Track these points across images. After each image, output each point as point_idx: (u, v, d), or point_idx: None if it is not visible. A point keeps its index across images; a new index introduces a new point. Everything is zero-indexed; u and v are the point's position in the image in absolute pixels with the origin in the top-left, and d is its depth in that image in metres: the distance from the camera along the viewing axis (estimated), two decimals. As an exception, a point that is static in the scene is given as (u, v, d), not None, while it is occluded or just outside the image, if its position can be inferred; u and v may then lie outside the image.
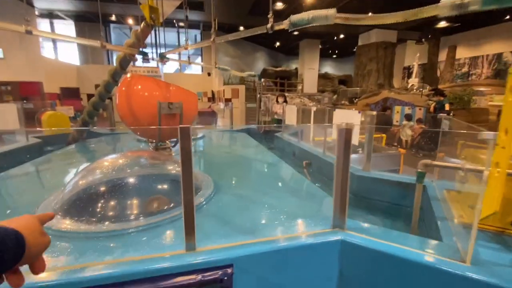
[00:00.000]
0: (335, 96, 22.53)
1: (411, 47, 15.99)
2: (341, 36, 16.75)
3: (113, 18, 13.74)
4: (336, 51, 24.03)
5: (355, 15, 1.54)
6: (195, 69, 20.43)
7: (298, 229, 1.43)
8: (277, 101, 5.55)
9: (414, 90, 9.80)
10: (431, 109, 7.80)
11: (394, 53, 14.23)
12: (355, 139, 2.72)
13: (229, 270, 1.19)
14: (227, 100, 9.66)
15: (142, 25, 2.98)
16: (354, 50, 18.62)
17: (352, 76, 23.16)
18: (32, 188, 2.24)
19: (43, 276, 1.03)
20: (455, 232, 1.41)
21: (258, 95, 5.41)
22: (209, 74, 14.35)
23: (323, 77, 24.61)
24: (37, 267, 0.59)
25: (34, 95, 8.46)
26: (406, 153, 3.91)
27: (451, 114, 6.88)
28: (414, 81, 10.75)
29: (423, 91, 9.17)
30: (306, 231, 1.41)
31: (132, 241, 1.29)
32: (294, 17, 1.81)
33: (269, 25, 1.97)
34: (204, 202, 1.73)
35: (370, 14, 1.52)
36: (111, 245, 1.25)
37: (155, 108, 2.63)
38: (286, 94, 17.41)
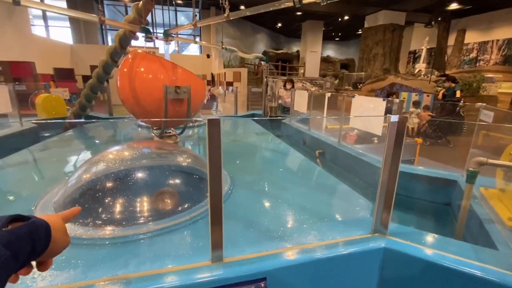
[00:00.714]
0: (336, 81, 22.13)
1: (418, 30, 15.41)
2: (346, 17, 16.07)
3: (107, -6, 12.93)
4: (340, 34, 23.26)
5: None
6: (192, 50, 19.71)
7: (333, 234, 1.26)
8: (284, 87, 5.24)
9: (422, 76, 9.50)
10: (440, 95, 7.56)
11: (402, 37, 13.71)
12: (379, 129, 2.54)
13: (262, 285, 1.03)
14: (228, 84, 9.31)
15: (143, -2, 2.66)
16: (358, 32, 17.96)
17: (354, 60, 22.58)
18: (29, 179, 2.04)
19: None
20: (511, 239, 1.26)
21: (265, 79, 5.12)
22: (208, 56, 13.80)
23: (325, 60, 23.98)
24: (47, 264, 0.57)
25: (26, 76, 8.04)
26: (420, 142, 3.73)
27: (462, 101, 6.67)
28: (421, 66, 10.40)
29: (431, 76, 8.89)
30: (343, 236, 1.24)
31: (148, 249, 1.12)
32: (327, -12, 1.55)
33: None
34: (224, 200, 1.55)
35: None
36: (124, 255, 1.08)
37: (161, 92, 2.39)
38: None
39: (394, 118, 1.12)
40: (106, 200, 1.32)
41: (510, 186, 1.45)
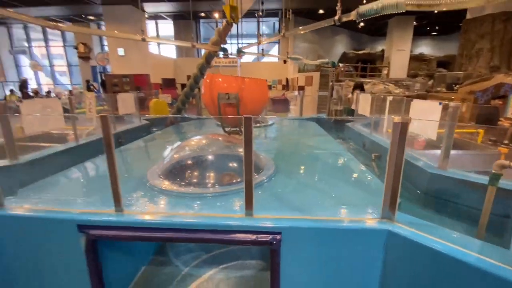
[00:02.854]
0: (431, 81, 19.30)
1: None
2: (444, 9, 13.89)
3: (202, 14, 15.34)
4: (436, 28, 20.17)
5: (428, 0, 1.46)
6: (271, 57, 20.80)
7: (345, 213, 1.54)
8: (352, 94, 5.25)
9: (547, 73, 7.44)
10: None
11: (520, 26, 10.94)
12: (433, 134, 2.49)
13: (278, 237, 1.43)
14: (300, 88, 9.65)
15: (223, 23, 3.39)
16: (461, 24, 15.21)
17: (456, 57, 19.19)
18: (143, 158, 3.00)
19: (148, 217, 1.51)
20: (531, 243, 1.25)
21: (331, 83, 5.26)
22: (284, 62, 14.47)
23: (416, 59, 21.30)
24: None
25: (144, 85, 10.54)
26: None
27: None
28: (549, 60, 8.13)
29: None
30: (354, 217, 1.50)
31: (208, 203, 1.69)
32: (362, 8, 1.80)
33: (336, 17, 2.01)
34: (266, 180, 2.01)
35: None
36: (193, 203, 1.67)
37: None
38: (368, 80, 15.86)
39: (398, 119, 1.33)
40: (185, 172, 1.98)
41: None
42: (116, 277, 1.80)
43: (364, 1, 1.98)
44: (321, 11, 14.58)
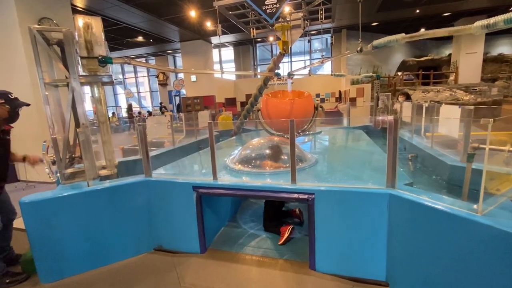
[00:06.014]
0: (515, 85, 17.06)
1: None
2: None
3: (259, 39, 17.16)
4: (518, 24, 17.65)
5: (415, 33, 2.13)
6: (326, 70, 21.27)
7: (360, 184, 2.22)
8: (397, 100, 5.57)
9: None
10: None
11: None
12: (456, 133, 2.91)
13: (312, 196, 2.21)
14: (352, 100, 9.99)
15: (278, 54, 4.38)
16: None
17: (549, 54, 16.50)
18: (220, 155, 4.10)
19: (229, 180, 2.47)
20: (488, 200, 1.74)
21: (376, 94, 5.69)
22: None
23: (494, 60, 18.97)
24: None
25: (210, 104, 12.43)
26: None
27: None
28: None
29: None
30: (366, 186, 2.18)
31: (267, 177, 2.58)
32: (375, 42, 2.52)
33: (358, 48, 2.75)
34: (307, 167, 2.80)
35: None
36: (258, 177, 2.59)
37: (283, 111, 3.94)
38: (431, 87, 14.90)
39: (391, 117, 2.00)
40: (251, 160, 2.92)
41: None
42: (208, 228, 2.80)
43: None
44: (374, 24, 14.68)
